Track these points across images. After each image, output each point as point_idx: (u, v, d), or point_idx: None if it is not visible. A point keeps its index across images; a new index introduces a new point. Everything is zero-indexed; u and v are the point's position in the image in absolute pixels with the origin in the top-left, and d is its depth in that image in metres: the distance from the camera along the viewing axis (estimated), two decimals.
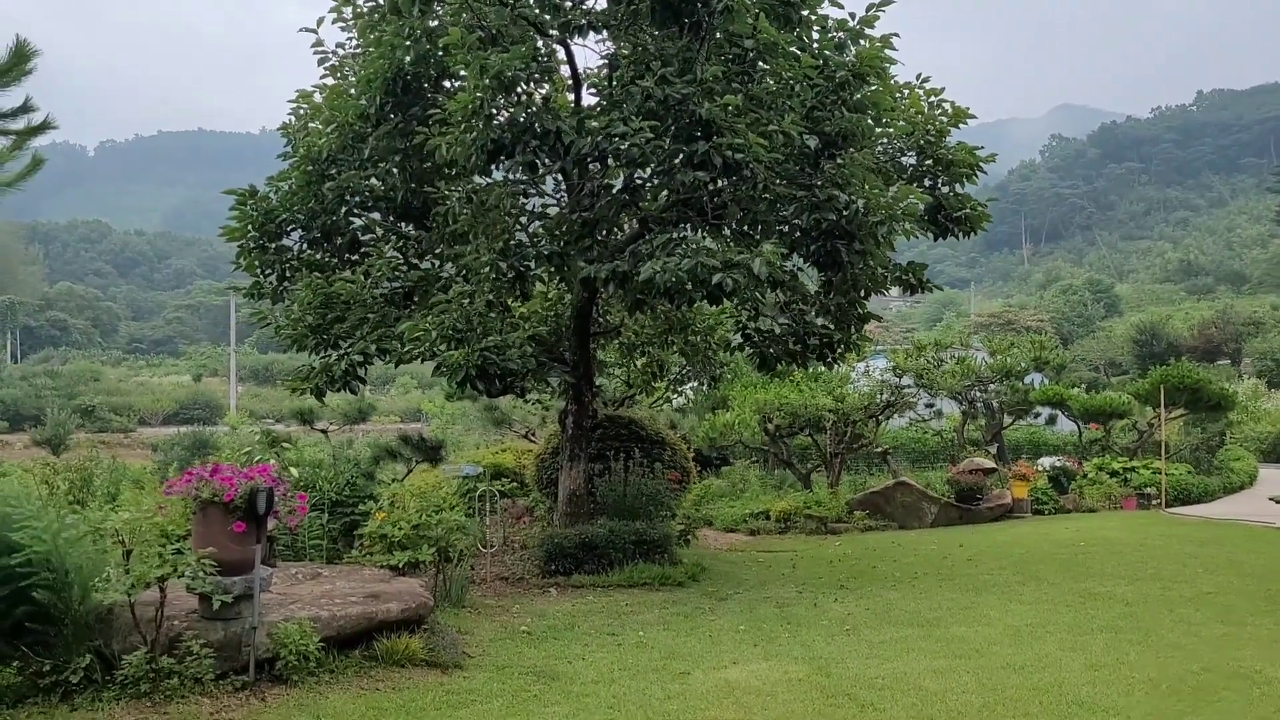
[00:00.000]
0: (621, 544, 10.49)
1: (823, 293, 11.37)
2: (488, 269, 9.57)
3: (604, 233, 9.78)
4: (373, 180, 10.73)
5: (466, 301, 9.22)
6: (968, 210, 11.15)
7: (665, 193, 9.35)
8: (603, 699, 6.28)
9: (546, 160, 9.10)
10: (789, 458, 18.80)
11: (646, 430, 13.35)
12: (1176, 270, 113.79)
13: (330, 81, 11.39)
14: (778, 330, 11.33)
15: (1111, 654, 6.72)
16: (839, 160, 9.64)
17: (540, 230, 10.03)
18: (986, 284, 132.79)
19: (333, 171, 10.81)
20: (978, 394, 21.80)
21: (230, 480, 6.25)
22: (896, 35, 10.11)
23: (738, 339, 11.28)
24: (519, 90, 8.93)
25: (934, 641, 7.48)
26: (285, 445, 11.54)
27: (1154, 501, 17.80)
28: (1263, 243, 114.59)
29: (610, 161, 9.04)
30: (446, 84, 10.50)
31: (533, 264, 9.61)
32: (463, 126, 8.98)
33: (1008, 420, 22.29)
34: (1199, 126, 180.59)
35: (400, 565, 8.37)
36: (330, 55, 11.37)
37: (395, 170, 10.48)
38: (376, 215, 11.28)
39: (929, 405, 21.44)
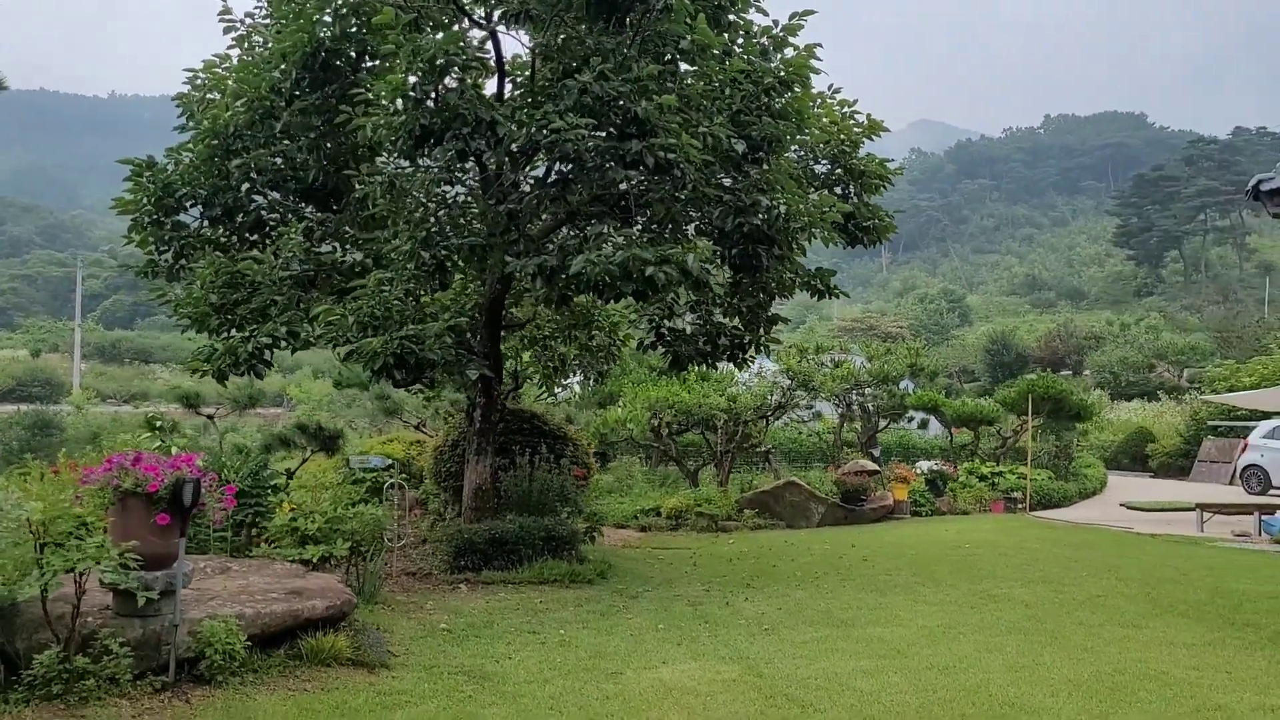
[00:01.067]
0: (531, 540, 10.38)
1: (730, 294, 11.50)
2: (407, 257, 9.32)
3: (527, 226, 9.63)
4: (279, 159, 10.29)
5: (386, 289, 8.93)
6: (876, 221, 11.45)
7: (593, 189, 9.27)
8: (540, 700, 6.20)
9: (481, 148, 8.90)
10: (678, 455, 18.95)
11: (549, 425, 13.25)
12: (1022, 284, 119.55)
13: (236, 52, 10.89)
14: (689, 330, 11.40)
15: (1027, 655, 7.00)
16: (765, 165, 9.76)
17: (462, 220, 9.82)
18: (847, 289, 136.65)
19: (238, 146, 10.34)
20: (855, 397, 22.45)
21: (155, 470, 5.90)
22: (820, 45, 10.29)
23: (650, 337, 11.27)
24: (453, 75, 8.70)
25: (854, 641, 7.65)
26: (161, 428, 10.99)
27: (1020, 505, 18.68)
28: (1100, 262, 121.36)
29: (542, 155, 8.90)
30: (367, 64, 10.16)
31: (454, 254, 9.40)
32: (391, 109, 8.71)
33: (882, 423, 23.03)
34: (1045, 148, 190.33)
35: (314, 560, 8.08)
36: (238, 24, 10.85)
37: (309, 149, 10.08)
38: (277, 195, 10.84)
39: (808, 407, 21.95)
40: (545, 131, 8.54)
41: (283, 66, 9.87)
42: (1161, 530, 15.37)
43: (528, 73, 10.27)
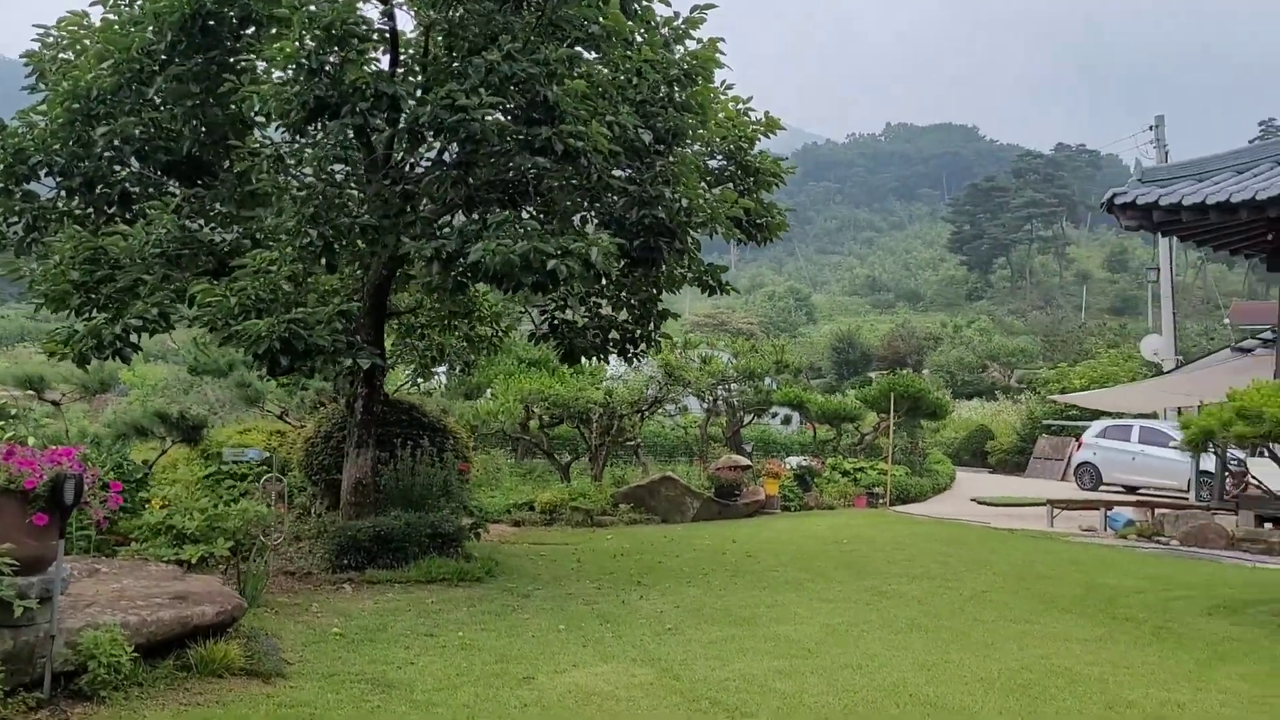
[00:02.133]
0: (417, 537, 9.97)
1: (619, 288, 11.34)
2: (292, 235, 8.78)
3: (424, 208, 9.22)
4: (150, 128, 9.52)
5: (272, 270, 8.38)
6: (770, 218, 11.48)
7: (497, 173, 8.93)
8: (454, 709, 5.89)
9: (379, 125, 8.44)
10: (549, 448, 18.68)
11: (428, 417, 12.79)
12: (863, 285, 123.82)
13: (99, 10, 10.03)
14: (581, 323, 11.19)
15: (934, 653, 7.09)
16: (671, 158, 9.62)
17: (350, 200, 9.32)
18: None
19: (101, 112, 9.51)
20: (720, 393, 22.65)
21: (32, 465, 5.30)
22: (723, 40, 10.22)
23: (543, 329, 11.00)
24: (352, 48, 8.21)
25: (761, 640, 7.60)
26: (16, 417, 10.08)
27: (881, 500, 19.23)
28: (934, 266, 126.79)
29: (444, 136, 8.50)
30: (249, 30, 9.49)
31: (343, 235, 8.90)
32: (282, 79, 8.16)
33: (747, 418, 23.33)
34: (886, 155, 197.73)
35: (192, 560, 7.50)
36: None
37: (184, 119, 9.36)
38: (141, 166, 10.04)
39: (674, 401, 22.03)
40: (450, 111, 8.17)
41: (154, 28, 9.13)
42: (1016, 525, 16.04)
43: (417, 50, 9.83)
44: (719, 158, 11.48)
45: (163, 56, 9.12)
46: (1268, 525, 13.66)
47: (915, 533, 14.49)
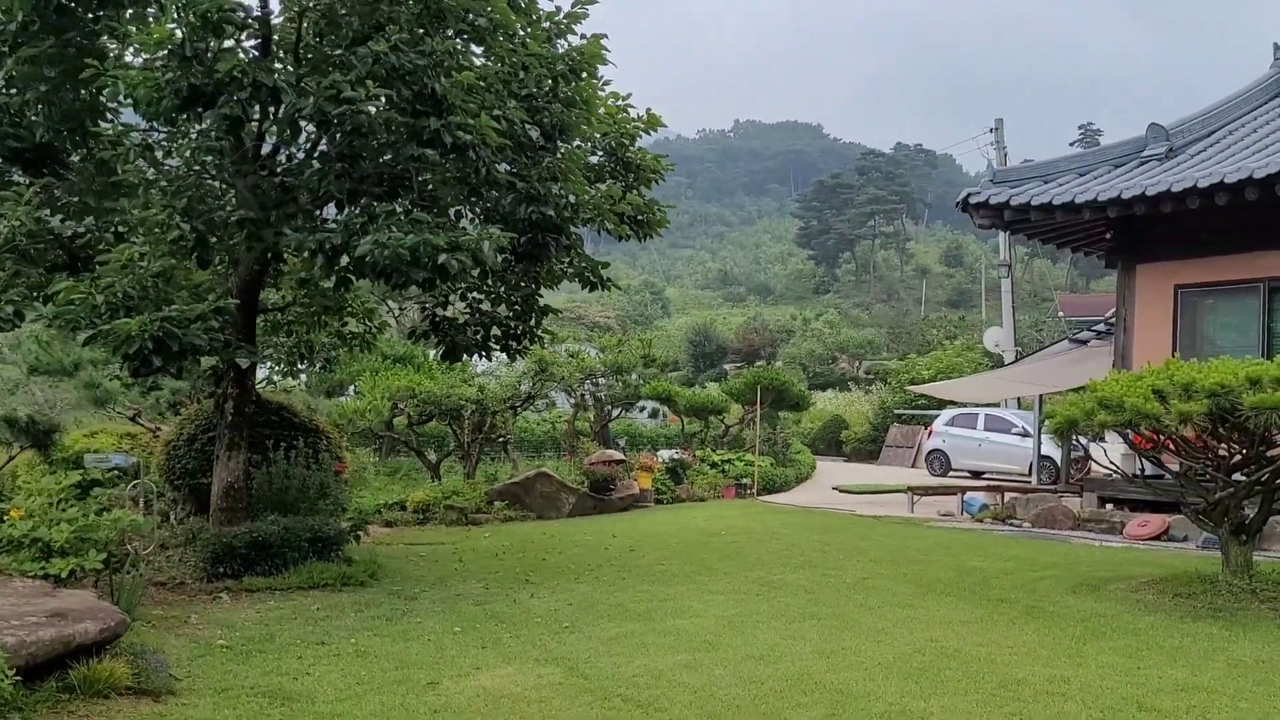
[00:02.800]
0: (296, 542, 9.62)
1: (502, 283, 11.24)
2: (163, 229, 8.34)
3: (302, 201, 8.90)
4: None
5: (142, 265, 7.94)
6: (652, 214, 11.55)
7: (382, 166, 8.70)
8: (360, 719, 5.74)
9: (255, 115, 8.10)
10: (418, 446, 18.34)
11: (299, 417, 12.37)
12: (715, 278, 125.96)
13: None
14: (462, 319, 11.04)
15: (830, 641, 7.29)
16: (559, 154, 9.58)
17: (221, 192, 8.93)
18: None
19: None
20: (588, 387, 22.71)
21: None
22: (605, 36, 10.23)
23: (424, 325, 10.79)
24: (226, 33, 7.85)
25: (660, 635, 7.66)
26: None
27: (749, 491, 19.64)
28: (783, 260, 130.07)
29: (330, 127, 8.22)
30: (106, 12, 8.95)
31: (217, 228, 8.51)
32: (152, 65, 7.74)
33: (615, 413, 23.46)
34: (735, 151, 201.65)
35: (62, 575, 7.04)
36: None
37: (36, 104, 8.76)
38: None
39: (545, 397, 21.98)
40: (335, 102, 7.92)
41: (4, 7, 8.51)
42: (879, 512, 16.66)
43: (285, 37, 9.47)
44: (599, 154, 11.48)
45: (13, 37, 8.51)
46: (1109, 506, 14.59)
47: (788, 522, 14.87)
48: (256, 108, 8.03)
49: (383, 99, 8.03)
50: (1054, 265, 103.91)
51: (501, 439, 18.32)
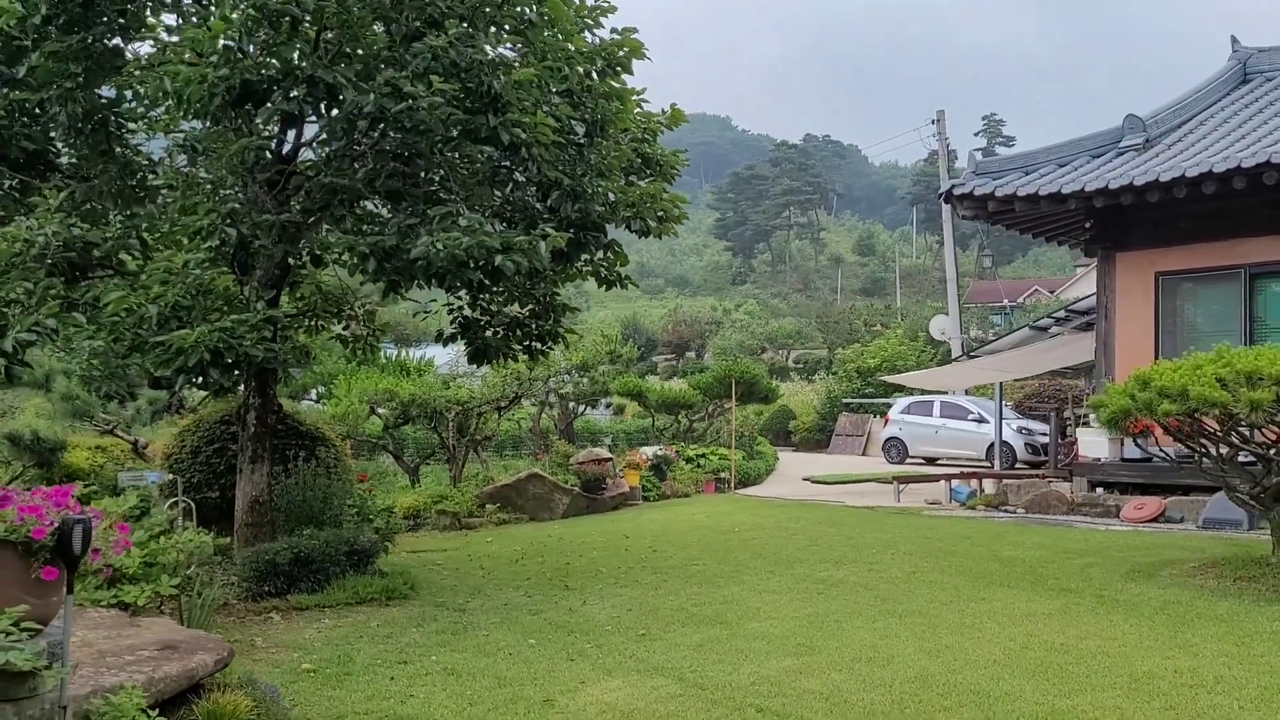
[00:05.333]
0: (336, 556, 9.27)
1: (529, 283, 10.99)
2: (204, 234, 7.92)
3: (354, 204, 8.55)
4: (12, 111, 8.32)
5: (196, 271, 7.52)
6: (669, 210, 11.40)
7: (442, 166, 8.41)
8: None
9: (308, 113, 7.73)
10: (397, 450, 17.89)
11: (305, 425, 11.94)
12: (633, 271, 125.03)
13: None
14: (484, 320, 10.76)
15: (929, 639, 7.26)
16: (602, 150, 9.38)
17: (263, 195, 8.51)
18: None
19: None
20: (553, 384, 22.44)
21: (37, 511, 4.50)
22: (636, 30, 10.04)
23: (453, 328, 10.49)
24: (283, 24, 7.46)
25: (747, 640, 7.53)
26: None
27: (728, 485, 19.65)
28: (699, 251, 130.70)
29: (388, 125, 7.90)
30: (131, 5, 8.44)
31: (266, 233, 8.11)
32: (200, 61, 7.32)
33: (580, 409, 23.25)
34: None
35: (139, 602, 6.62)
36: None
37: (59, 102, 8.21)
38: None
39: (534, 397, 21.67)
40: (395, 99, 7.60)
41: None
42: (867, 502, 16.80)
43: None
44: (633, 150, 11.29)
45: (34, 30, 7.97)
46: (1099, 490, 14.96)
47: (791, 516, 14.89)
48: (313, 105, 7.64)
49: (440, 97, 7.72)
50: (964, 253, 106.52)
51: (485, 440, 17.97)
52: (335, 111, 7.76)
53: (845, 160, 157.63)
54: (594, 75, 9.53)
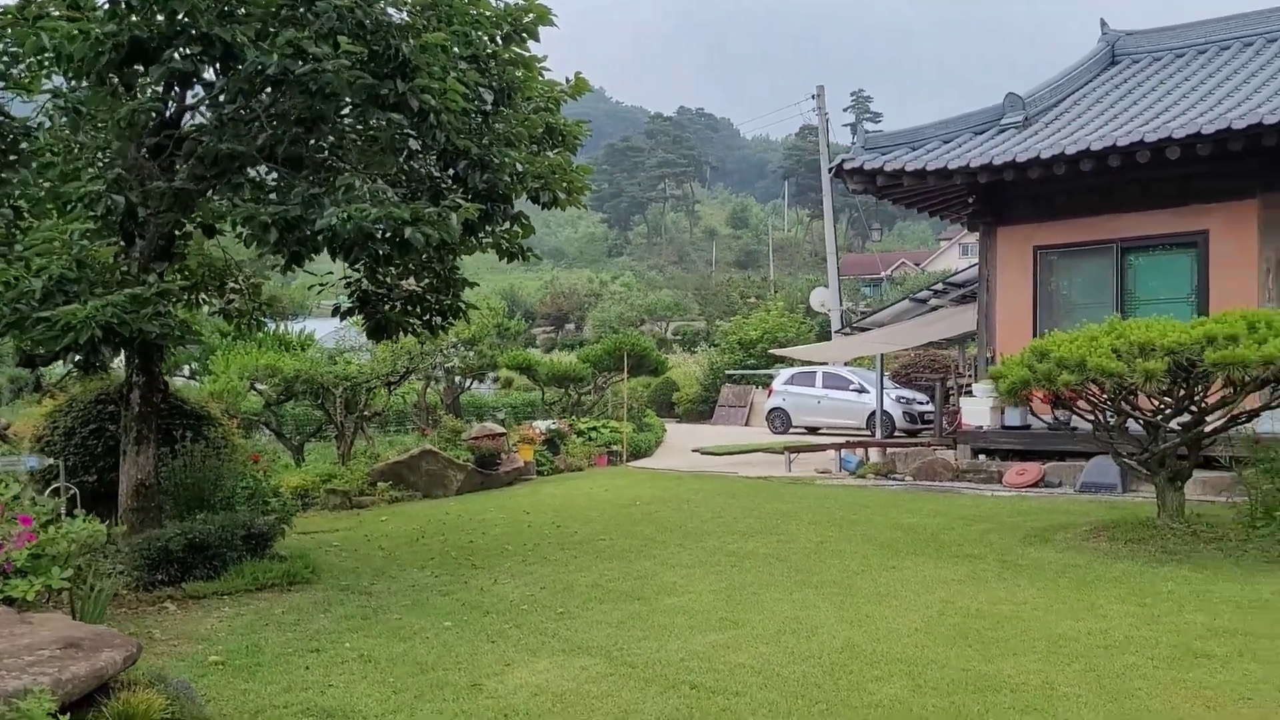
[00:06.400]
0: (233, 541, 8.85)
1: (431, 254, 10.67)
2: (89, 202, 7.38)
3: (250, 170, 8.10)
4: None
5: (84, 242, 7.01)
6: (578, 180, 11.21)
7: (344, 131, 8.03)
8: None
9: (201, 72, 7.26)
10: (278, 428, 17.25)
11: (189, 404, 11.34)
12: None
13: None
14: (388, 294, 10.40)
15: (849, 609, 7.36)
16: (510, 119, 9.13)
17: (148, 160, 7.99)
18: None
19: None
20: (440, 359, 22.00)
21: None
22: None
23: (351, 302, 10.10)
24: None
25: (669, 615, 7.50)
26: None
27: (621, 458, 19.64)
28: (574, 223, 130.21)
29: (289, 88, 7.48)
30: None
31: (156, 200, 7.61)
32: (87, 14, 6.78)
33: (467, 384, 22.87)
34: None
35: (28, 597, 6.16)
36: None
37: None
38: None
39: (424, 373, 21.18)
40: (298, 60, 7.21)
41: None
42: (760, 473, 17.01)
43: None
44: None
45: None
46: (981, 456, 15.49)
47: (689, 488, 14.96)
48: (209, 65, 7.18)
49: (346, 60, 7.36)
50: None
51: (374, 417, 17.49)
52: (233, 73, 7.30)
53: (718, 133, 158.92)
54: (498, 41, 9.25)
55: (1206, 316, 12.35)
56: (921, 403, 24.70)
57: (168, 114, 8.44)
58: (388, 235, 7.68)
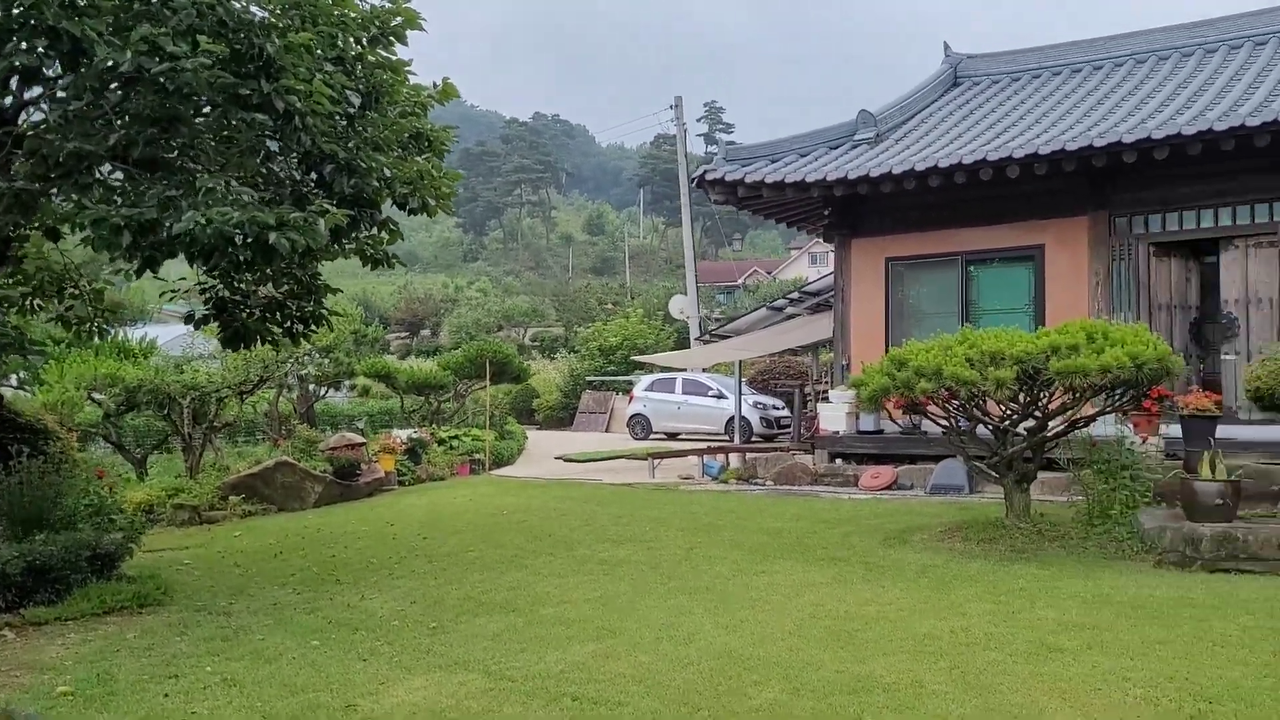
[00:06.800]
0: (77, 563, 8.36)
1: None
2: None
3: (100, 171, 7.67)
4: None
5: None
6: (446, 187, 11.05)
7: (206, 132, 7.70)
8: None
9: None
10: (118, 441, 16.37)
11: (24, 416, 10.67)
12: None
13: None
14: (245, 301, 10.02)
15: (723, 615, 7.46)
16: (377, 123, 8.93)
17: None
18: None
19: None
20: (293, 367, 21.33)
21: None
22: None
23: (206, 309, 9.68)
24: None
25: (546, 625, 7.45)
26: None
27: (483, 467, 19.43)
28: (428, 228, 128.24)
29: (144, 87, 7.12)
30: None
31: None
32: None
33: (323, 392, 22.24)
34: None
35: None
36: None
37: None
38: None
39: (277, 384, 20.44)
40: (154, 58, 6.89)
41: None
42: (624, 479, 17.10)
43: None
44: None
45: None
46: (838, 460, 15.98)
47: (555, 496, 14.91)
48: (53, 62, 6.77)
49: (207, 58, 7.06)
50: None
51: (226, 427, 16.79)
52: (82, 69, 6.91)
53: (574, 140, 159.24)
54: (364, 43, 9.05)
55: (1044, 325, 13.16)
56: (777, 408, 25.33)
57: (5, 110, 7.94)
58: (250, 240, 7.41)
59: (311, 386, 21.95)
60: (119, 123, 7.27)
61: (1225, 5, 18.58)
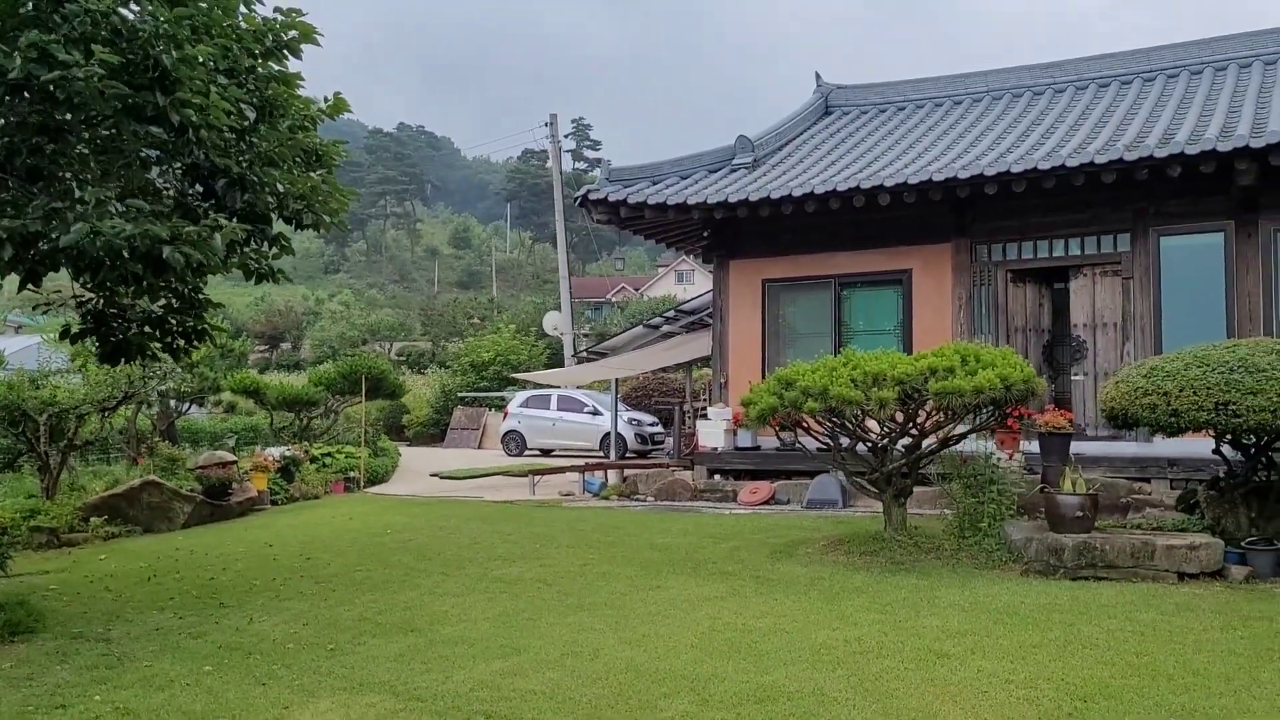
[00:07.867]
0: None
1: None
2: None
3: None
4: None
5: None
6: (342, 202, 10.91)
7: (96, 144, 7.45)
8: None
9: None
10: None
11: None
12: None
13: None
14: (124, 316, 9.67)
15: (624, 630, 7.58)
16: (271, 138, 8.79)
17: None
18: None
19: None
20: (155, 382, 20.52)
21: None
22: (305, 13, 9.52)
23: (85, 323, 9.31)
24: None
25: (448, 645, 7.43)
26: None
27: (358, 485, 19.09)
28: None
29: (33, 96, 6.87)
30: None
31: None
32: None
33: (185, 408, 21.45)
34: None
35: None
36: None
37: None
38: None
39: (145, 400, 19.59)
40: (44, 65, 6.66)
41: None
42: (505, 496, 17.10)
43: None
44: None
45: None
46: (716, 476, 16.36)
47: (437, 514, 14.78)
48: None
49: (100, 68, 6.87)
50: (553, 249, 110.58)
51: (87, 446, 16.02)
52: None
53: (439, 152, 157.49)
54: (257, 56, 8.91)
55: (912, 345, 13.82)
56: (651, 424, 25.68)
57: None
58: (141, 254, 7.23)
59: (173, 402, 21.13)
60: (3, 131, 6.97)
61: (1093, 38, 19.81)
